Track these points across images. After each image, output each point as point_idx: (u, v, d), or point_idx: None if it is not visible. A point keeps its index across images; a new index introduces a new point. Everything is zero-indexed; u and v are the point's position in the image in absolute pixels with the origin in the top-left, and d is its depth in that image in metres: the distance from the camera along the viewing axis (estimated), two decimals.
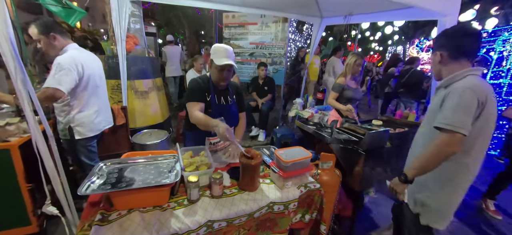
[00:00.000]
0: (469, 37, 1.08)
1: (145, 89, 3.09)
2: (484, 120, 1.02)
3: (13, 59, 1.08)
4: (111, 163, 1.13)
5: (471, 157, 1.08)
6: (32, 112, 1.16)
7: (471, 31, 1.10)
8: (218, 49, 1.41)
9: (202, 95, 1.46)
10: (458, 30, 1.12)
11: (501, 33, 4.32)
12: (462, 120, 0.97)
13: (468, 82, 1.02)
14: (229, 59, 1.38)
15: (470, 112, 0.98)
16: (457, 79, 1.08)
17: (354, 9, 3.17)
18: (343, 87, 2.35)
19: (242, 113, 1.69)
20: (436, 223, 1.19)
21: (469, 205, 2.55)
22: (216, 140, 1.53)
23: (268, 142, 3.65)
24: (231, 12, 4.07)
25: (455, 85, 1.05)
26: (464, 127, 0.97)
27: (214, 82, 1.50)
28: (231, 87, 1.61)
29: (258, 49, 4.16)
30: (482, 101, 0.98)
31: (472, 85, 1.00)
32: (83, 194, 0.90)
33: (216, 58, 1.39)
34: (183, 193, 1.11)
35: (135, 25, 3.08)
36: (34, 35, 1.52)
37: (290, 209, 1.17)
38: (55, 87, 1.45)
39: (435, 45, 1.19)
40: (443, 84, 1.15)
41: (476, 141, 1.05)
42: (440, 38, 1.17)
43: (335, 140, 1.74)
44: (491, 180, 2.46)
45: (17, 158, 1.47)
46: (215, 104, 1.49)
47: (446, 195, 1.15)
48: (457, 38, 1.10)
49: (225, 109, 1.53)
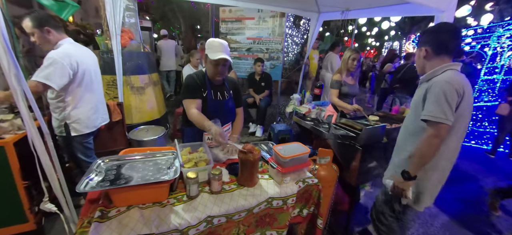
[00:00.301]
0: (450, 34, 1.16)
1: (141, 85, 3.05)
2: (461, 111, 1.11)
3: (6, 54, 1.05)
4: (109, 160, 1.12)
5: (447, 143, 1.16)
6: (27, 109, 1.14)
7: (452, 28, 1.17)
8: (213, 43, 1.40)
9: (198, 92, 1.46)
10: (442, 28, 1.20)
11: (496, 29, 4.38)
12: (445, 110, 1.05)
13: (447, 76, 1.10)
14: (224, 54, 1.37)
15: (452, 104, 1.06)
16: (438, 73, 1.16)
17: (352, 4, 3.16)
18: (340, 83, 2.36)
19: (239, 109, 1.69)
20: (416, 205, 1.29)
21: (469, 201, 2.62)
22: None
23: (265, 137, 3.66)
24: (228, 6, 4.02)
25: (435, 79, 1.13)
26: (447, 117, 1.05)
27: (210, 77, 1.49)
28: (228, 83, 1.60)
29: (255, 44, 4.13)
30: (460, 93, 1.07)
31: (450, 79, 1.08)
32: (82, 191, 0.89)
33: (210, 52, 1.38)
34: (182, 189, 1.11)
35: (130, 19, 3.03)
36: (28, 29, 1.48)
37: (288, 204, 1.19)
38: (43, 82, 1.41)
39: (420, 40, 1.25)
40: (425, 79, 1.23)
41: (452, 129, 1.13)
42: (425, 34, 1.23)
43: (332, 135, 1.76)
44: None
45: (12, 155, 1.45)
46: (212, 100, 1.48)
47: (422, 179, 1.23)
48: (441, 34, 1.18)
49: (221, 104, 1.52)
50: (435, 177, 1.24)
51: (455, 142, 1.19)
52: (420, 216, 2.25)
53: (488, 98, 4.23)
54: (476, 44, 4.90)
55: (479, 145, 4.03)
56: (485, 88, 4.30)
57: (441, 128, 1.07)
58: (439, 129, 1.07)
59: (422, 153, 1.13)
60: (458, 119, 1.12)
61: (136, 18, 3.11)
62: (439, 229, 2.12)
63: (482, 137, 4.06)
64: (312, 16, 3.82)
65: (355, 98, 2.52)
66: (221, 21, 4.21)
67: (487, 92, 4.25)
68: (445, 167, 1.23)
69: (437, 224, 2.18)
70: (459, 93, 1.07)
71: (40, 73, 1.42)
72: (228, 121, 1.60)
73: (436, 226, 2.16)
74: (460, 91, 1.07)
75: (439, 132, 1.08)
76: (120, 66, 2.67)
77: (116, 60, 2.64)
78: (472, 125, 4.22)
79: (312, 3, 3.29)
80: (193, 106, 1.40)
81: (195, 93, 1.44)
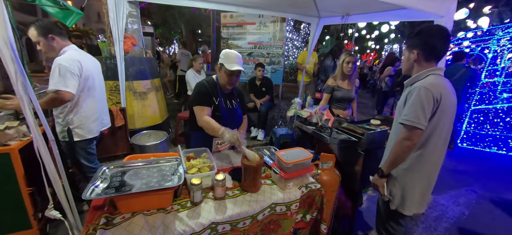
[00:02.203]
0: (442, 40, 1.15)
1: (144, 90, 3.08)
2: (439, 115, 1.12)
3: (13, 62, 1.07)
4: (114, 167, 1.13)
5: (426, 148, 1.18)
6: (33, 117, 1.16)
7: (445, 34, 1.15)
8: (230, 54, 1.46)
9: (210, 99, 1.51)
10: (434, 32, 1.16)
11: (496, 32, 4.39)
12: (419, 115, 1.08)
13: (426, 82, 1.11)
14: (239, 66, 1.45)
15: (426, 109, 1.08)
16: (421, 78, 1.17)
17: (352, 9, 3.19)
18: (333, 88, 2.36)
19: (245, 116, 1.76)
20: (402, 208, 1.28)
21: (473, 205, 2.60)
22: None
23: (267, 141, 3.66)
24: (229, 12, 4.06)
25: (416, 84, 1.15)
26: (420, 122, 1.08)
27: (221, 85, 1.54)
28: (236, 91, 1.66)
29: (257, 49, 4.17)
30: (437, 98, 1.08)
31: (428, 84, 1.09)
32: (88, 198, 0.90)
33: (227, 63, 1.44)
34: (186, 195, 1.12)
35: (133, 25, 3.06)
36: (34, 37, 1.51)
37: (292, 210, 1.19)
38: (63, 90, 1.44)
39: (411, 43, 1.21)
40: (409, 83, 1.24)
41: (433, 134, 1.15)
42: (417, 37, 1.19)
43: (334, 140, 1.76)
44: None
45: (17, 161, 1.46)
46: (223, 108, 1.54)
47: (406, 183, 1.25)
48: (433, 39, 1.15)
49: (232, 112, 1.58)
50: (420, 182, 1.24)
51: (439, 146, 1.19)
52: (424, 220, 2.24)
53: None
54: (476, 47, 4.92)
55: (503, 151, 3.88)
56: (486, 91, 4.30)
57: (413, 132, 1.10)
58: (411, 132, 1.11)
59: (394, 153, 1.18)
60: (437, 124, 1.13)
61: (138, 24, 3.15)
62: (443, 233, 2.11)
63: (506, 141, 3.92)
64: (313, 21, 3.85)
65: (352, 103, 2.49)
66: (222, 26, 4.25)
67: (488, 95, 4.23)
68: (430, 172, 1.24)
69: (440, 228, 2.17)
70: (436, 99, 1.08)
71: (58, 83, 1.44)
72: (236, 127, 1.67)
73: (440, 230, 2.14)
74: (437, 97, 1.08)
75: (410, 135, 1.11)
76: (123, 71, 2.71)
77: (119, 66, 2.67)
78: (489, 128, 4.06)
79: (312, 8, 3.32)
80: (204, 113, 1.46)
81: (208, 101, 1.49)
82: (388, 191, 1.30)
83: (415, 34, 1.20)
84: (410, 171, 1.23)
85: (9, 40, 1.04)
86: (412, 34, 1.22)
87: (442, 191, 2.74)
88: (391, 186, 1.29)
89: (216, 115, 1.49)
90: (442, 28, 1.18)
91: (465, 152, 4.09)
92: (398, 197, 1.28)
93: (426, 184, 1.26)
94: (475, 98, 4.29)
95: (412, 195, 1.25)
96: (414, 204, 1.27)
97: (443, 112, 1.12)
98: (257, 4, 3.22)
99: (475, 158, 3.86)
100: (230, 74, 1.45)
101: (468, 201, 2.61)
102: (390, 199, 1.30)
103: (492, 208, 2.53)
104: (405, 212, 1.27)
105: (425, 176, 1.24)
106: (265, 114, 3.72)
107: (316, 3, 3.16)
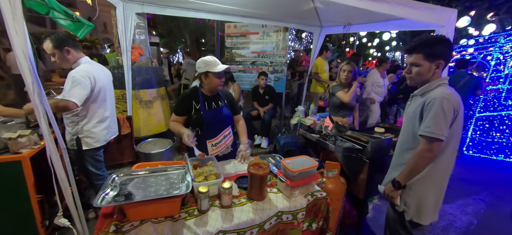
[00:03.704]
0: (451, 49, 1.18)
1: (149, 98, 3.14)
2: (456, 125, 1.13)
3: (30, 74, 1.12)
4: (124, 174, 1.15)
5: (442, 158, 1.17)
6: (47, 126, 1.20)
7: (451, 42, 1.17)
8: (209, 60, 1.52)
9: (185, 108, 1.59)
10: (447, 41, 1.16)
11: (498, 39, 4.41)
12: (442, 127, 1.07)
13: (443, 92, 1.11)
14: (222, 65, 1.52)
15: (448, 120, 1.08)
16: (432, 88, 1.17)
17: (353, 19, 3.26)
18: (332, 94, 2.42)
19: (238, 116, 1.79)
20: (418, 218, 1.25)
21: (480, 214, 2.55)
22: (216, 140, 1.63)
23: (271, 149, 3.67)
24: (233, 22, 4.16)
25: (432, 95, 1.13)
26: (443, 134, 1.07)
27: (212, 90, 1.60)
28: (222, 93, 1.71)
29: (260, 58, 4.24)
30: (456, 108, 1.09)
31: (447, 95, 1.09)
32: (99, 206, 0.92)
33: (211, 67, 1.50)
34: (193, 203, 1.13)
35: (140, 36, 3.16)
36: (49, 50, 1.58)
37: (299, 219, 1.20)
38: (70, 100, 1.51)
39: (433, 52, 1.15)
40: (419, 93, 1.23)
41: (449, 143, 1.15)
42: (440, 45, 1.14)
43: (339, 148, 1.77)
44: None
45: (28, 169, 1.50)
46: (205, 109, 1.59)
47: (421, 192, 1.22)
48: (450, 49, 1.17)
49: (216, 112, 1.62)
50: (434, 190, 1.23)
51: (451, 155, 1.20)
52: (432, 230, 2.20)
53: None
54: (478, 54, 4.92)
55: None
56: (490, 98, 4.27)
57: (435, 143, 1.09)
58: (433, 144, 1.10)
59: (414, 165, 1.16)
60: (453, 134, 1.14)
61: (146, 35, 3.25)
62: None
63: None
64: (315, 30, 3.93)
65: (354, 111, 2.50)
66: (226, 36, 4.35)
67: (493, 102, 4.20)
68: (443, 179, 1.24)
69: None
70: (456, 109, 1.09)
71: (68, 93, 1.52)
72: (226, 125, 1.71)
73: None
74: (456, 108, 1.09)
75: (432, 147, 1.10)
76: (130, 81, 2.77)
77: (126, 76, 2.74)
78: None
79: (314, 18, 3.39)
80: (172, 119, 1.62)
81: (179, 110, 1.61)
82: (402, 201, 1.27)
83: (438, 43, 1.15)
84: (424, 179, 1.20)
85: (28, 53, 1.10)
86: (429, 43, 1.16)
87: (449, 200, 2.69)
88: (405, 195, 1.26)
89: (198, 117, 1.56)
90: (447, 37, 1.20)
91: (471, 160, 4.03)
92: (413, 207, 1.24)
93: (440, 191, 1.25)
94: (480, 105, 4.26)
95: (427, 204, 1.23)
96: (430, 213, 1.24)
97: (458, 122, 1.13)
98: (260, 15, 3.30)
99: (482, 165, 3.80)
100: (218, 76, 1.53)
101: (476, 210, 2.56)
102: (404, 210, 1.27)
103: (501, 217, 2.48)
104: (422, 221, 1.24)
105: (438, 183, 1.23)
106: (268, 122, 3.74)
107: (319, 14, 3.23)
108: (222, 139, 1.66)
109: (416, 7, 1.93)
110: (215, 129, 1.62)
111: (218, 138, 1.63)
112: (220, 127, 1.64)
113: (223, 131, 1.66)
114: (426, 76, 1.19)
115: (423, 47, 1.17)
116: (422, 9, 1.95)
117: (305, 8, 2.86)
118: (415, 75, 1.21)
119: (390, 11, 1.85)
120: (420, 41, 1.18)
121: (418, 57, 1.18)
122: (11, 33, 1.05)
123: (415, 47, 1.19)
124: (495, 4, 7.44)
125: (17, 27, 1.06)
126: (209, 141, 1.61)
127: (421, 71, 1.19)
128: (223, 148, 1.67)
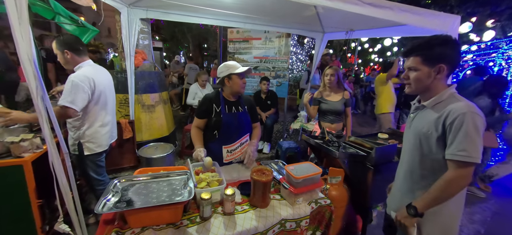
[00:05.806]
0: (458, 52, 1.00)
1: (152, 103, 3.15)
2: None
3: (35, 79, 1.13)
4: (125, 180, 1.14)
5: None
6: (50, 131, 1.20)
7: (457, 43, 0.99)
8: (230, 64, 1.56)
9: (206, 111, 1.61)
10: (452, 42, 0.97)
11: (500, 45, 4.40)
12: (478, 148, 0.89)
13: (469, 105, 0.92)
14: (243, 67, 1.56)
15: (482, 139, 0.91)
16: (443, 99, 0.99)
17: (356, 25, 3.27)
18: (318, 100, 2.43)
19: (256, 123, 1.80)
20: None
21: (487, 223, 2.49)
22: (232, 147, 1.63)
23: (273, 154, 3.65)
24: (236, 28, 4.20)
25: (455, 109, 0.92)
26: (479, 156, 0.89)
27: (234, 93, 1.62)
28: (244, 100, 1.72)
29: (262, 63, 4.25)
30: (484, 123, 0.93)
31: (475, 109, 0.91)
32: (100, 212, 0.91)
33: (234, 69, 1.54)
34: (195, 210, 1.11)
35: (144, 41, 3.19)
36: (54, 49, 1.66)
37: (302, 226, 1.17)
38: (68, 106, 1.51)
39: (433, 54, 0.98)
40: (429, 105, 1.02)
41: None
42: (443, 47, 0.96)
43: (343, 154, 1.74)
44: None
45: (29, 173, 1.49)
46: (225, 113, 1.59)
47: (449, 222, 1.07)
48: (455, 51, 0.98)
49: (235, 117, 1.62)
50: (459, 212, 1.10)
51: None
52: None
53: None
54: (480, 60, 4.90)
55: None
56: None
57: (471, 168, 0.91)
58: (469, 169, 0.91)
59: (442, 193, 0.95)
60: None
61: (149, 40, 3.28)
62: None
63: None
64: (317, 36, 3.94)
65: (346, 118, 2.48)
66: (229, 41, 4.38)
67: None
68: (463, 199, 1.10)
69: None
70: (484, 124, 0.92)
71: (65, 99, 1.52)
72: (244, 132, 1.70)
73: None
74: (484, 123, 0.92)
75: (469, 173, 0.91)
76: (133, 85, 2.78)
77: (129, 80, 2.75)
78: None
79: (316, 24, 3.41)
80: (195, 124, 1.63)
81: (201, 114, 1.62)
82: (419, 230, 1.06)
83: (439, 44, 0.97)
84: (450, 205, 1.02)
85: (33, 58, 1.10)
86: (429, 44, 0.98)
87: None
88: (426, 224, 1.06)
89: (217, 120, 1.57)
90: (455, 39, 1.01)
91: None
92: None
93: (461, 211, 1.10)
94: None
95: (454, 227, 1.06)
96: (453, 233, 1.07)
97: None
98: (263, 20, 3.33)
99: None
100: (241, 76, 1.55)
101: (483, 219, 2.51)
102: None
103: (508, 226, 2.42)
104: None
105: (461, 203, 1.07)
106: (270, 128, 3.73)
107: (321, 20, 3.24)
108: (238, 146, 1.65)
109: (420, 13, 1.93)
110: (233, 134, 1.62)
111: (234, 145, 1.63)
112: (237, 132, 1.63)
113: (240, 138, 1.65)
114: (426, 83, 1.01)
115: (421, 49, 0.99)
116: (426, 15, 1.94)
117: (308, 14, 2.87)
118: (413, 81, 1.04)
119: (394, 18, 1.84)
120: (419, 42, 1.00)
121: (416, 61, 1.01)
122: (16, 38, 1.05)
123: (413, 49, 1.02)
124: (496, 11, 7.46)
125: (22, 32, 1.06)
126: (225, 147, 1.60)
127: (419, 77, 1.01)
128: (239, 155, 1.67)
